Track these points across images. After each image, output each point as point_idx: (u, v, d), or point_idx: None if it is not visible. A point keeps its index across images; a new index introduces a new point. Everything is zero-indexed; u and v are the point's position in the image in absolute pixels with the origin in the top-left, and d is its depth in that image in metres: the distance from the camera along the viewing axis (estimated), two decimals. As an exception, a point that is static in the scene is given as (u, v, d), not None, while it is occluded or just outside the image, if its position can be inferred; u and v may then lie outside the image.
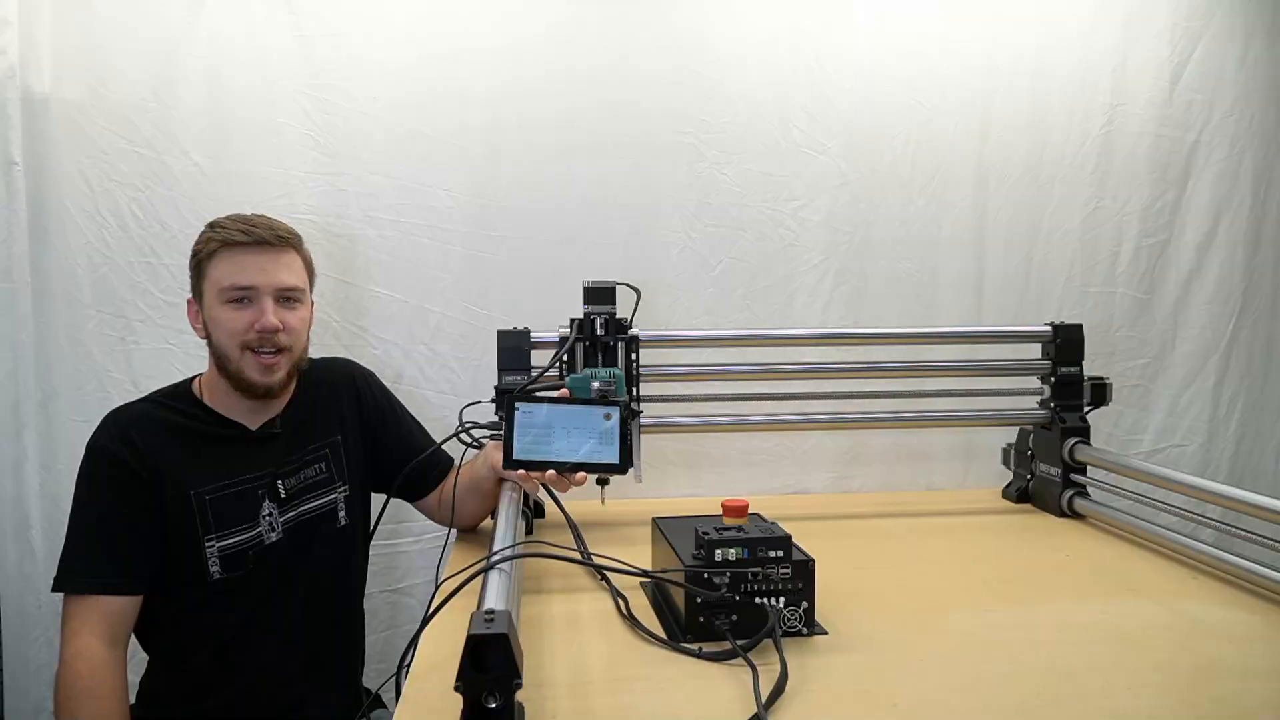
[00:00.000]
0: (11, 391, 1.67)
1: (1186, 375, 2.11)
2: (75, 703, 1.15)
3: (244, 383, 1.29)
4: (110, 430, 1.27)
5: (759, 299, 1.93)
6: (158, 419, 1.29)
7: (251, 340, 1.28)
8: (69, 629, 1.20)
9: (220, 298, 1.28)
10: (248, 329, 1.28)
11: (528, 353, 1.55)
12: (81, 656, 1.17)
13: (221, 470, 1.30)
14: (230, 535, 1.29)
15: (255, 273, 1.28)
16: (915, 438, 1.99)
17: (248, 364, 1.29)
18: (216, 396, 1.33)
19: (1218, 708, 0.89)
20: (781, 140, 1.92)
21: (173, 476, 1.26)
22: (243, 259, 1.28)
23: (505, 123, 1.83)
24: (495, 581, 0.90)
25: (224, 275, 1.28)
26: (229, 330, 1.28)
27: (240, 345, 1.28)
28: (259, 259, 1.29)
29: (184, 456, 1.28)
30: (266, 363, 1.29)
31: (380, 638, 1.80)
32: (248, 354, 1.28)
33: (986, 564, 1.37)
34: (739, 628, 1.01)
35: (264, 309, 1.28)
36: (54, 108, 1.67)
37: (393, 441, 1.47)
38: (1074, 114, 2.02)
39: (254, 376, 1.29)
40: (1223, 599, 1.20)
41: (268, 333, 1.28)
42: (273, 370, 1.30)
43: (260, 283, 1.28)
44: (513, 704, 0.76)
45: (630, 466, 1.30)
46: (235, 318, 1.28)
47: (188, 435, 1.30)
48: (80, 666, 1.16)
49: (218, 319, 1.28)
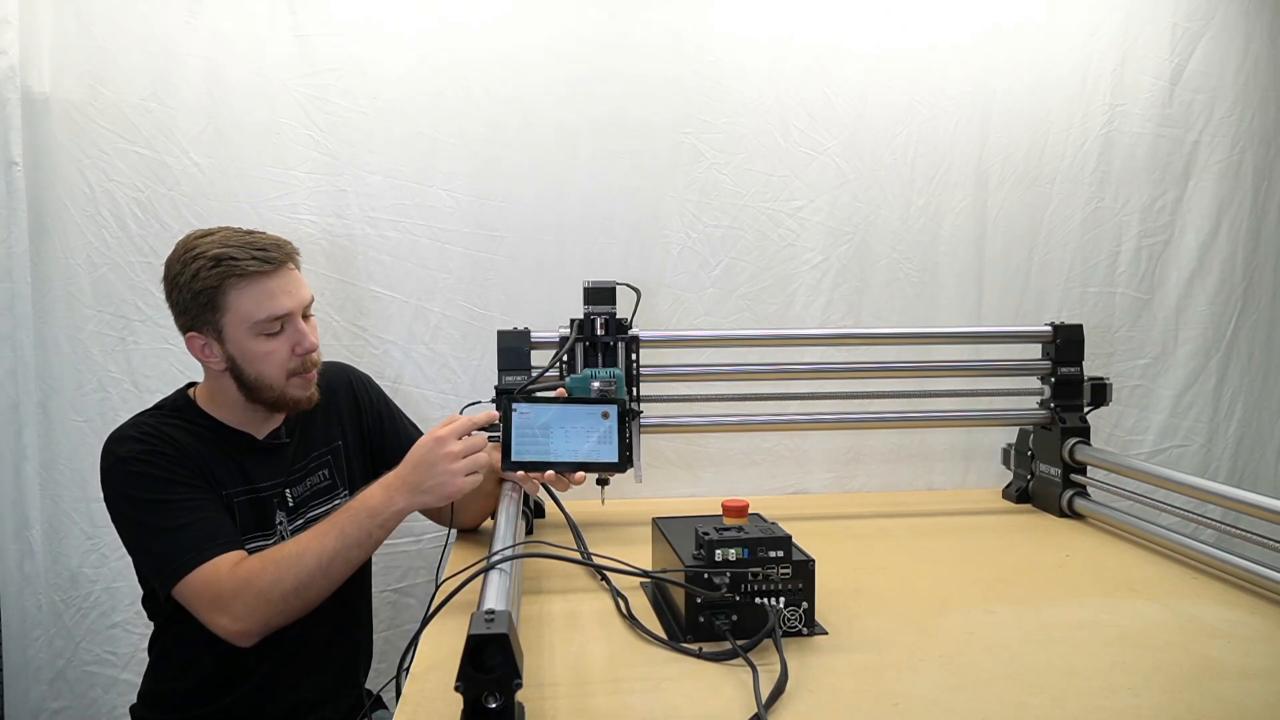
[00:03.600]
0: (11, 391, 1.67)
1: (1187, 375, 2.11)
2: (267, 577, 1.13)
3: (289, 403, 1.29)
4: (136, 438, 1.22)
5: (759, 299, 1.93)
6: (171, 427, 1.26)
7: (295, 366, 1.27)
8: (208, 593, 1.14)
9: (252, 331, 1.23)
10: (289, 356, 1.26)
11: (528, 353, 1.55)
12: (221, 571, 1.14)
13: (242, 477, 1.29)
14: (251, 541, 1.28)
15: (284, 299, 1.24)
16: (915, 438, 1.99)
17: (293, 386, 1.28)
18: (221, 409, 1.31)
19: (1218, 708, 0.89)
20: (781, 140, 1.92)
21: (211, 471, 1.25)
22: (269, 286, 1.23)
23: (505, 123, 1.83)
24: (495, 581, 0.90)
25: (254, 308, 1.22)
26: (272, 362, 1.25)
27: (286, 373, 1.26)
28: (283, 283, 1.25)
29: (211, 457, 1.26)
30: (308, 379, 1.29)
31: (380, 638, 1.79)
32: (293, 379, 1.27)
33: (987, 564, 1.37)
34: (739, 628, 1.01)
35: (301, 331, 1.26)
36: (54, 108, 1.67)
37: (391, 445, 1.47)
38: (1074, 114, 2.02)
39: (299, 395, 1.29)
40: (1223, 599, 1.20)
41: (309, 353, 1.28)
42: (311, 384, 1.31)
43: (292, 308, 1.26)
44: (513, 704, 0.76)
45: (630, 465, 1.30)
46: (275, 348, 1.25)
47: (203, 445, 1.27)
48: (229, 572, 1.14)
49: (254, 353, 1.25)
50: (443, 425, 1.20)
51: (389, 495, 1.18)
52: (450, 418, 1.22)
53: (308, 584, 1.15)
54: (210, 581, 1.15)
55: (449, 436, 1.18)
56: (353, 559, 1.18)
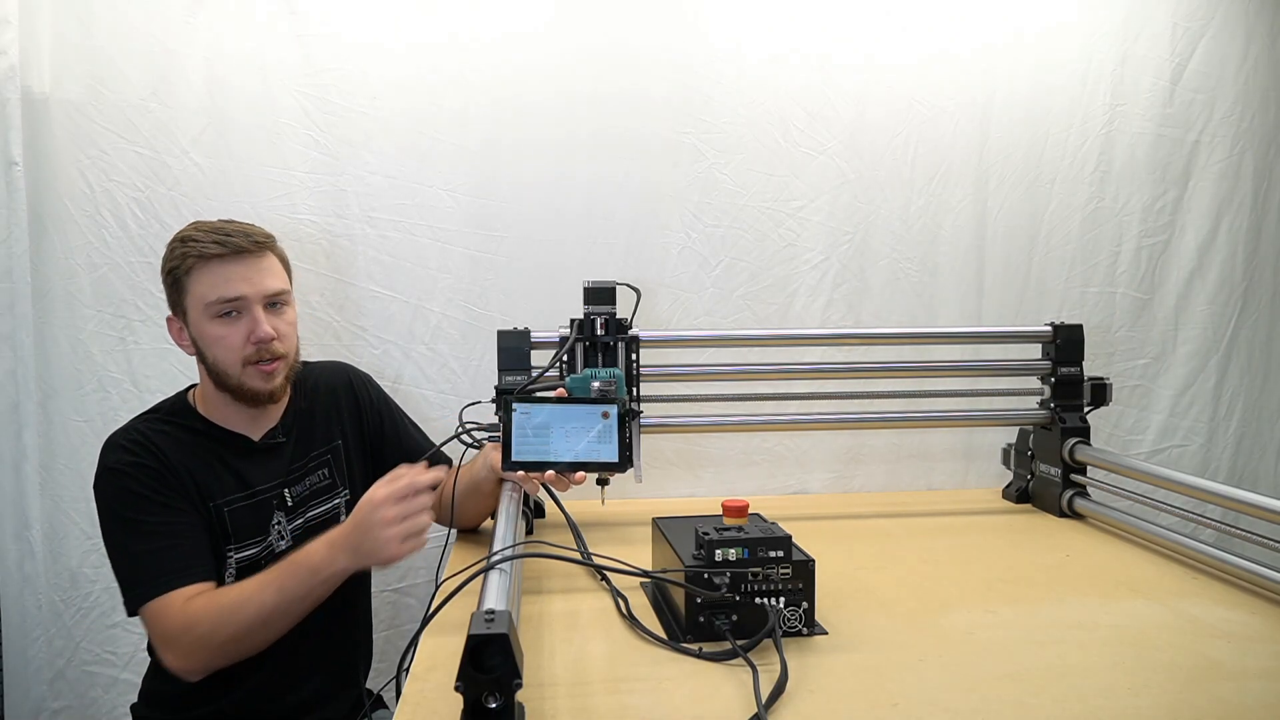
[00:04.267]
0: (11, 391, 1.67)
1: (1187, 375, 2.12)
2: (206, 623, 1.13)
3: (247, 393, 1.28)
4: (126, 446, 1.23)
5: (759, 299, 1.93)
6: (166, 434, 1.27)
7: (250, 354, 1.26)
8: (163, 624, 1.16)
9: (207, 313, 1.25)
10: (244, 343, 1.25)
11: (528, 353, 1.55)
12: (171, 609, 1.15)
13: (237, 482, 1.29)
14: (248, 547, 1.29)
15: (240, 283, 1.24)
16: (915, 438, 1.99)
17: (249, 376, 1.27)
18: (215, 410, 1.32)
19: (1218, 708, 0.89)
20: (781, 140, 1.92)
21: (197, 484, 1.25)
22: (224, 270, 1.24)
23: (505, 123, 1.83)
24: (495, 581, 0.90)
25: (208, 290, 1.24)
26: (226, 346, 1.25)
27: (240, 360, 1.26)
28: (240, 268, 1.25)
29: (201, 467, 1.27)
30: (266, 370, 1.28)
31: (380, 638, 1.79)
32: (249, 368, 1.27)
33: (986, 564, 1.37)
34: (739, 628, 1.01)
35: (256, 319, 1.26)
36: (54, 108, 1.67)
37: (391, 444, 1.47)
38: (1074, 114, 2.02)
39: (257, 385, 1.28)
40: (1223, 599, 1.20)
41: (264, 343, 1.26)
42: (273, 376, 1.29)
43: (247, 292, 1.25)
44: (513, 704, 0.76)
45: (630, 465, 1.30)
46: (229, 333, 1.25)
47: (198, 450, 1.28)
48: (178, 611, 1.15)
49: (209, 336, 1.26)
50: (385, 482, 1.13)
51: (332, 554, 1.15)
52: (396, 472, 1.15)
53: (247, 634, 1.15)
54: (160, 617, 1.16)
55: (386, 500, 1.11)
56: (293, 613, 1.17)
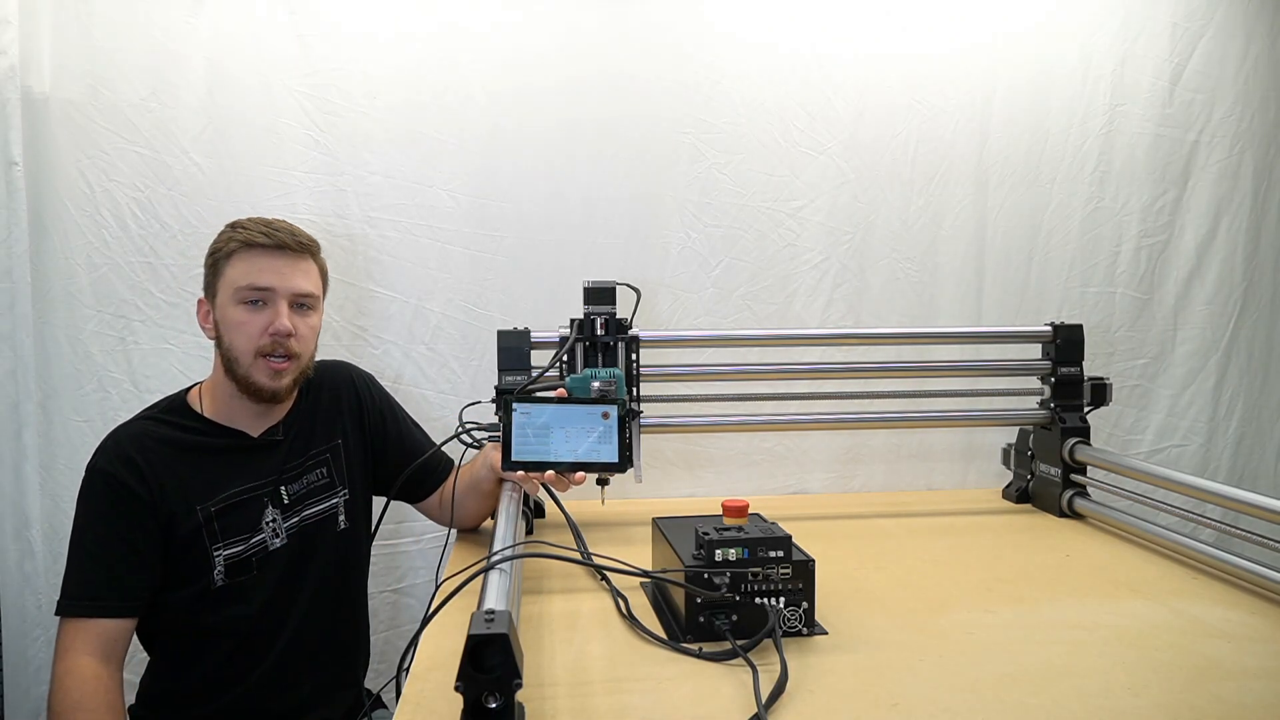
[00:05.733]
0: (11, 391, 1.67)
1: (1186, 375, 2.12)
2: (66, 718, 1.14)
3: (252, 386, 1.29)
4: (110, 453, 1.25)
5: (759, 299, 1.93)
6: (158, 435, 1.28)
7: (265, 345, 1.27)
8: (61, 647, 1.18)
9: (235, 298, 1.27)
10: (261, 332, 1.27)
11: (528, 353, 1.55)
12: (72, 674, 1.16)
13: (225, 481, 1.29)
14: (236, 544, 1.29)
15: (272, 275, 1.28)
16: (915, 438, 1.99)
17: (258, 368, 1.28)
18: (219, 404, 1.32)
19: (1218, 708, 0.89)
20: (781, 140, 1.92)
21: (178, 493, 1.26)
22: (262, 260, 1.28)
23: (505, 123, 1.83)
24: (495, 581, 0.90)
25: (241, 275, 1.27)
26: (244, 333, 1.27)
27: (254, 350, 1.27)
28: (277, 262, 1.28)
29: (188, 471, 1.27)
30: (276, 367, 1.28)
31: (380, 638, 1.80)
32: (259, 359, 1.28)
33: (986, 564, 1.37)
34: (739, 628, 1.01)
35: (279, 312, 1.28)
36: (54, 108, 1.67)
37: (393, 444, 1.47)
38: (1074, 114, 2.02)
39: (262, 380, 1.28)
40: (1223, 599, 1.20)
41: (281, 336, 1.27)
42: (281, 375, 1.29)
43: (277, 285, 1.28)
44: (513, 704, 0.76)
45: (630, 465, 1.30)
46: (250, 320, 1.27)
47: (189, 449, 1.29)
48: (70, 683, 1.15)
49: (231, 319, 1.28)
50: None
51: None
52: None
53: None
54: (64, 642, 1.19)
55: None
56: None
